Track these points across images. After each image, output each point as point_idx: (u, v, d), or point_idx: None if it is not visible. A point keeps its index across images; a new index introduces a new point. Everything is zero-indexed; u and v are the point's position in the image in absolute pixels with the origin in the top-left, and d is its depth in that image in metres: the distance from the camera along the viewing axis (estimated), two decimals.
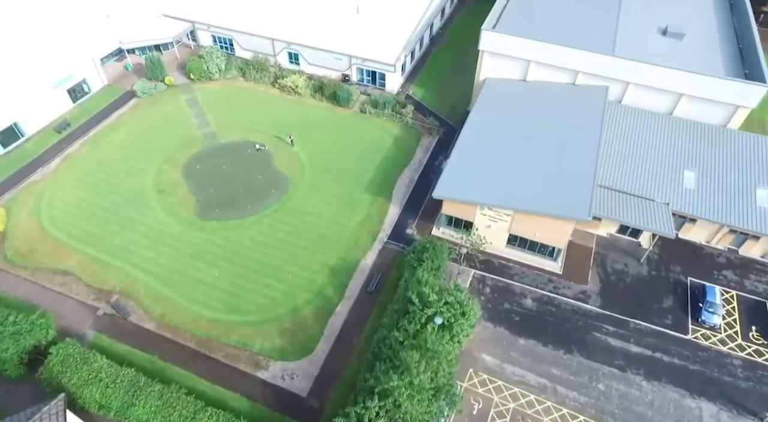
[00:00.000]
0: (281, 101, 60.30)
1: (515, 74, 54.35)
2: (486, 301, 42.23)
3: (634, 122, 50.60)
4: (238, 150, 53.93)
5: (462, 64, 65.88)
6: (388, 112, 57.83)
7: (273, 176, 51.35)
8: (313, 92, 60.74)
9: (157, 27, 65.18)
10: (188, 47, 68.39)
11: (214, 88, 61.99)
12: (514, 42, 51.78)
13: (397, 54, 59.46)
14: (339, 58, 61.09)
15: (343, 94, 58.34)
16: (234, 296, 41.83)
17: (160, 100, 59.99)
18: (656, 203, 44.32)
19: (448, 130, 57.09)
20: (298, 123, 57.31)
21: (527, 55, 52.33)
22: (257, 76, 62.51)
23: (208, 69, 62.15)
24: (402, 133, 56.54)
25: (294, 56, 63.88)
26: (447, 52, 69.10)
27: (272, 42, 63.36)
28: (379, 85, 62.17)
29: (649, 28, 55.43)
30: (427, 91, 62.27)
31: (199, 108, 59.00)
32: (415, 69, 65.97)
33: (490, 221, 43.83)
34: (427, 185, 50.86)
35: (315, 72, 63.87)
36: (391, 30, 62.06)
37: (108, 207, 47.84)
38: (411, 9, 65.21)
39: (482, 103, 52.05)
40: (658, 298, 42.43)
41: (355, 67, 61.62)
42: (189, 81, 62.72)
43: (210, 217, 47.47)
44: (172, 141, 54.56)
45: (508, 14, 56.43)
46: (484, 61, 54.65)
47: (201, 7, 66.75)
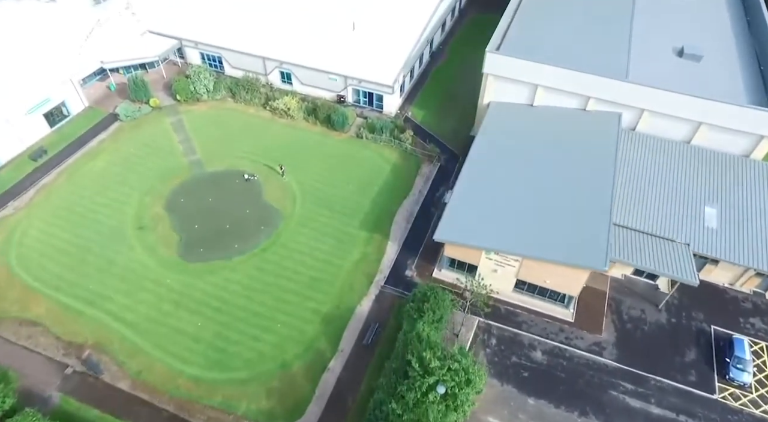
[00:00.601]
0: (272, 125, 56.38)
1: (521, 98, 50.51)
2: (492, 354, 38.46)
3: (649, 152, 46.81)
4: (226, 180, 50.02)
5: (464, 82, 62.02)
6: (385, 137, 53.96)
7: (262, 209, 47.48)
8: (307, 115, 56.83)
9: (142, 45, 61.13)
10: (176, 65, 64.41)
11: (201, 111, 58.04)
12: (520, 65, 47.94)
13: (396, 75, 55.55)
14: (334, 78, 57.18)
15: (338, 118, 54.44)
16: (218, 349, 38.01)
17: (144, 123, 56.04)
18: (676, 244, 40.54)
19: (449, 157, 53.24)
20: (290, 149, 53.45)
21: (534, 80, 48.50)
22: (247, 98, 58.57)
23: (195, 90, 58.21)
24: (401, 160, 52.68)
25: (286, 76, 59.97)
26: (448, 69, 65.19)
27: (263, 61, 59.41)
28: (376, 107, 58.27)
29: (665, 48, 51.57)
30: (428, 113, 58.38)
31: (185, 133, 55.06)
32: (415, 88, 62.08)
33: (496, 265, 40.05)
34: (427, 220, 47.07)
35: (309, 92, 59.97)
36: (389, 48, 58.13)
37: (84, 246, 43.95)
38: (410, 25, 61.26)
39: (486, 132, 48.17)
40: (680, 350, 38.69)
41: (351, 88, 57.73)
42: (175, 102, 58.77)
43: (194, 258, 43.60)
44: (156, 170, 50.64)
45: (513, 33, 52.52)
46: (489, 85, 50.81)
47: (188, 23, 62.74)
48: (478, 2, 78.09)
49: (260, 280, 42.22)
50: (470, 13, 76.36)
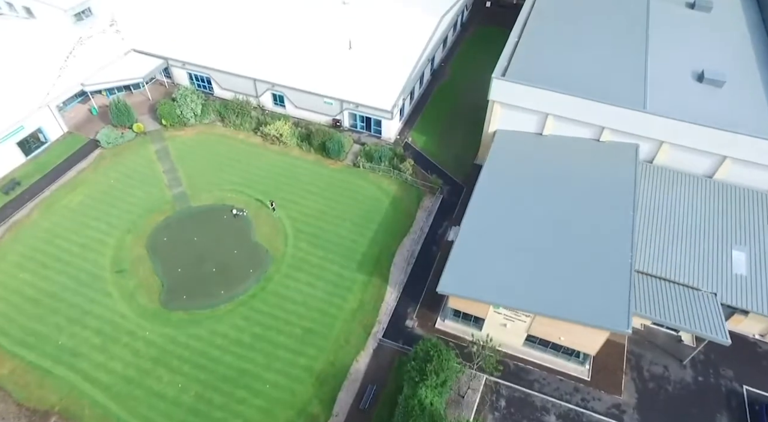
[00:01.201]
0: (264, 152, 52.43)
1: (530, 127, 46.62)
2: (501, 419, 34.67)
3: (669, 187, 42.98)
4: (213, 216, 46.11)
5: (467, 104, 58.16)
6: (384, 166, 50.08)
7: (251, 250, 43.60)
8: (300, 141, 52.90)
9: (126, 65, 57.07)
10: (162, 85, 60.42)
11: (188, 136, 54.09)
12: (529, 93, 44.01)
13: (395, 99, 51.61)
14: (329, 102, 53.24)
15: (333, 146, 50.51)
16: (200, 415, 34.17)
17: (127, 151, 52.09)
18: (702, 293, 36.74)
19: (452, 188, 49.37)
20: (282, 180, 49.55)
21: (544, 108, 44.62)
22: (237, 122, 54.62)
23: (181, 114, 54.26)
24: (400, 192, 48.80)
25: (279, 98, 56.01)
26: (450, 89, 61.21)
27: (254, 82, 55.45)
28: (374, 132, 54.36)
29: (683, 72, 47.64)
30: (429, 139, 54.47)
31: (170, 161, 51.12)
32: (415, 110, 58.12)
33: (505, 319, 36.23)
34: (429, 260, 43.26)
35: (302, 115, 56.04)
36: (388, 69, 54.23)
37: (56, 293, 40.08)
38: (411, 43, 57.40)
39: (493, 165, 44.22)
40: (710, 414, 34.90)
41: (348, 112, 53.79)
42: (161, 126, 54.81)
43: (176, 306, 39.74)
44: (138, 205, 46.73)
45: (520, 56, 48.44)
46: (495, 112, 46.89)
47: (176, 42, 58.70)
48: (481, 15, 74.14)
49: (248, 332, 38.39)
50: (473, 26, 72.37)
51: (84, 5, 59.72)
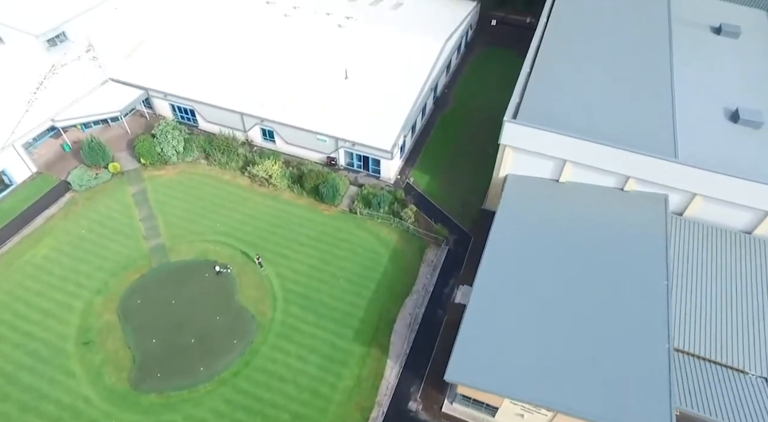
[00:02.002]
0: (251, 196, 47.29)
1: (545, 173, 41.60)
2: None
3: (703, 245, 38.02)
4: (193, 274, 41.04)
5: (473, 136, 53.14)
6: (383, 212, 45.04)
7: (235, 315, 38.56)
8: (291, 183, 47.77)
9: (102, 96, 51.82)
10: (143, 116, 55.21)
11: (169, 176, 48.92)
12: (544, 138, 38.96)
13: (395, 137, 46.51)
14: (323, 139, 48.13)
15: (327, 190, 45.40)
16: None
17: (102, 194, 46.93)
18: (750, 378, 31.87)
19: (459, 237, 44.36)
20: (271, 228, 44.48)
21: (562, 154, 39.61)
22: (223, 160, 49.47)
23: (162, 152, 49.12)
24: (402, 242, 43.76)
25: (268, 133, 50.88)
26: (454, 119, 56.08)
27: (241, 117, 50.30)
28: (372, 172, 49.24)
29: (715, 111, 42.66)
30: (432, 178, 49.39)
31: (148, 207, 45.99)
32: (417, 144, 52.99)
33: (523, 410, 31.30)
34: (435, 327, 38.34)
35: (294, 152, 50.92)
36: (387, 102, 49.09)
37: (9, 374, 34.94)
38: (412, 72, 52.23)
39: (504, 216, 39.17)
40: None
41: (343, 151, 48.70)
42: (140, 165, 49.66)
43: (148, 386, 34.70)
44: (111, 260, 41.61)
45: (533, 92, 43.27)
46: (506, 157, 41.81)
47: (157, 71, 53.48)
48: (486, 34, 68.92)
49: (230, 418, 33.40)
50: (478, 46, 67.16)
51: (58, 30, 54.57)
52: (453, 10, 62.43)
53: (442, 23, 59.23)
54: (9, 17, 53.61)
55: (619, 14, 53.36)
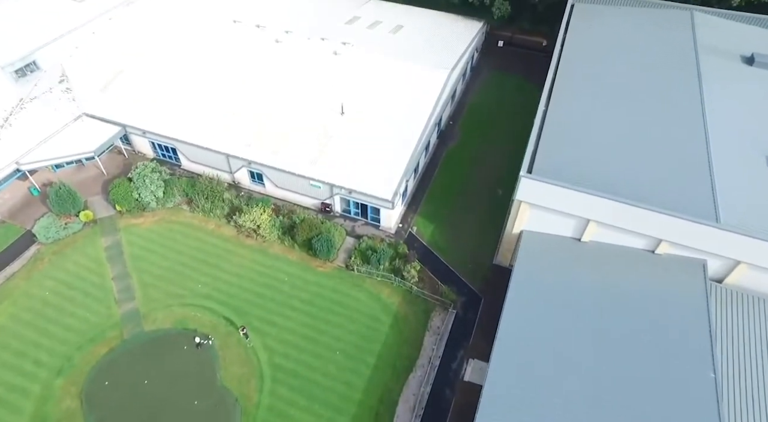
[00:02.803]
0: (237, 249, 42.31)
1: (566, 231, 36.63)
2: None
3: (748, 319, 33.15)
4: (170, 347, 36.07)
5: (481, 176, 48.27)
6: (384, 269, 40.16)
7: (217, 399, 33.58)
8: (282, 234, 42.85)
9: (76, 133, 46.82)
10: (120, 154, 50.18)
11: (147, 226, 43.92)
12: (566, 195, 34.05)
13: (396, 185, 41.52)
14: (316, 185, 43.15)
15: (321, 246, 40.47)
16: None
17: (71, 248, 41.93)
18: None
19: (468, 299, 39.47)
20: (258, 289, 39.56)
21: (585, 213, 34.66)
22: (207, 207, 44.49)
23: (140, 198, 44.16)
24: (404, 306, 38.85)
25: (257, 176, 45.91)
26: (460, 155, 51.09)
27: (227, 158, 45.31)
28: (371, 220, 44.29)
29: (755, 158, 37.55)
30: (437, 228, 44.45)
31: (122, 263, 41.04)
32: (421, 185, 48.03)
33: None
34: (442, 411, 33.46)
35: (285, 196, 45.97)
36: (387, 142, 44.09)
37: None
38: (415, 106, 47.20)
39: (521, 280, 34.26)
40: None
41: (339, 197, 43.74)
42: (116, 211, 44.68)
43: None
44: (77, 330, 36.64)
45: (550, 140, 38.28)
46: (522, 212, 36.92)
47: (134, 105, 48.45)
48: (493, 57, 63.88)
49: None
50: (485, 70, 62.16)
51: (28, 59, 49.74)
52: (458, 33, 57.40)
53: (446, 48, 54.20)
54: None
55: (640, 41, 48.61)
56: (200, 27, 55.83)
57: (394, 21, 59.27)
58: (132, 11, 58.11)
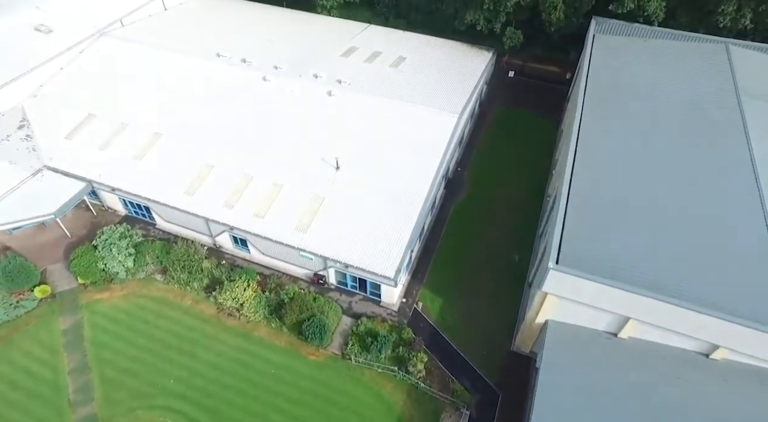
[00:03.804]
0: (217, 332, 36.39)
1: (600, 324, 30.86)
2: None
3: None
4: None
5: (495, 237, 42.42)
6: (385, 357, 34.36)
7: None
8: (269, 314, 36.99)
9: (34, 191, 40.84)
10: (88, 210, 44.20)
11: (113, 302, 38.02)
12: (602, 292, 28.22)
13: (399, 260, 35.56)
14: (307, 256, 37.25)
15: (312, 331, 34.64)
16: None
17: (22, 331, 36.01)
18: None
19: (483, 395, 33.64)
20: (239, 384, 33.68)
21: (625, 311, 28.96)
22: (183, 278, 38.62)
23: (106, 268, 38.27)
24: (409, 405, 33.00)
25: (240, 240, 40.01)
26: (470, 212, 45.05)
27: (206, 222, 39.38)
28: (371, 295, 38.44)
29: None
30: (446, 303, 38.55)
31: (82, 351, 35.14)
32: (427, 249, 42.02)
33: None
34: None
35: (273, 264, 40.14)
36: (390, 204, 38.19)
37: None
38: (420, 157, 41.24)
39: (549, 382, 28.62)
40: None
41: (334, 270, 37.86)
42: (79, 284, 38.79)
43: None
44: None
45: (580, 219, 32.03)
46: (549, 303, 31.11)
47: (103, 156, 42.42)
48: (503, 89, 57.78)
49: None
50: (494, 106, 56.08)
51: None
52: (466, 66, 51.36)
53: (454, 86, 48.19)
54: None
55: (674, 81, 42.72)
56: (180, 62, 49.71)
57: (394, 52, 53.22)
58: (106, 44, 51.99)
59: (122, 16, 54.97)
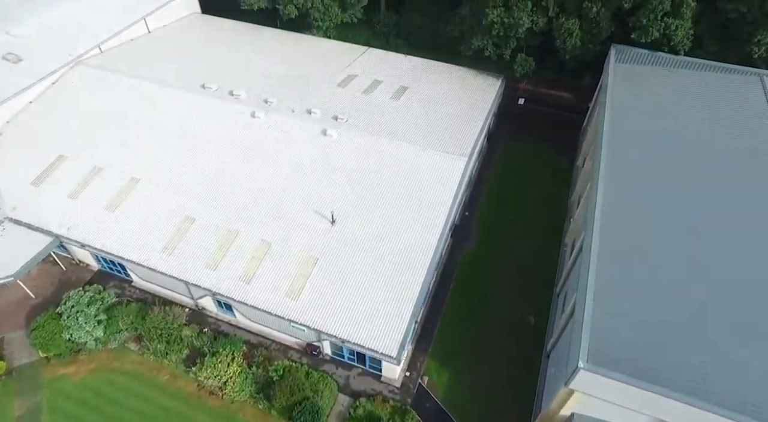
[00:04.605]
0: (197, 416, 31.84)
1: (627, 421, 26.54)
2: None
3: None
4: None
5: (506, 294, 38.06)
6: None
7: None
8: (256, 393, 32.56)
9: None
10: (56, 264, 39.77)
11: (80, 378, 33.50)
12: (637, 394, 23.83)
13: (402, 335, 31.15)
14: (299, 327, 32.83)
15: (305, 417, 30.23)
16: None
17: None
18: None
19: None
20: None
21: (662, 415, 24.54)
22: (160, 350, 34.17)
23: (72, 338, 33.84)
24: None
25: (225, 305, 35.58)
26: (480, 264, 40.49)
27: (187, 285, 34.92)
28: (370, 369, 34.01)
29: None
30: (455, 376, 34.03)
31: None
32: (433, 310, 37.51)
33: None
34: None
35: (260, 330, 35.76)
36: (391, 266, 33.75)
37: None
38: (425, 206, 36.80)
39: None
40: None
41: (329, 342, 33.45)
42: (41, 357, 34.37)
43: None
44: None
45: (611, 305, 27.38)
46: (575, 398, 26.74)
47: (74, 207, 37.95)
48: (512, 120, 53.06)
49: None
50: (504, 138, 51.39)
51: None
52: (474, 98, 46.93)
53: (461, 120, 43.86)
54: None
55: (707, 123, 38.09)
56: (162, 95, 45.23)
57: (395, 80, 48.74)
58: (82, 73, 47.48)
59: (101, 42, 50.40)
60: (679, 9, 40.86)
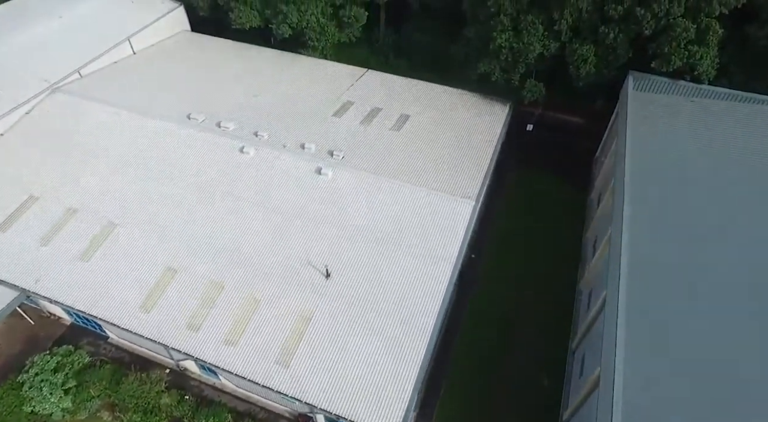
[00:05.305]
0: None
1: None
2: None
3: None
4: None
5: (519, 350, 34.67)
6: None
7: None
8: None
9: None
10: (24, 318, 36.17)
11: None
12: None
13: (404, 410, 27.68)
14: (290, 400, 29.28)
15: None
16: None
17: None
18: None
19: None
20: None
21: None
22: (136, 420, 30.58)
23: (34, 411, 30.25)
24: None
25: (209, 368, 32.03)
26: (487, 314, 37.00)
27: (167, 348, 31.36)
28: None
29: None
30: None
31: None
32: (437, 368, 33.98)
33: None
34: None
35: (247, 396, 32.22)
36: (391, 325, 30.24)
37: None
38: (429, 257, 33.25)
39: None
40: None
41: (323, 416, 29.90)
42: None
43: None
44: None
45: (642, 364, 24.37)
46: None
47: (41, 257, 34.33)
48: (521, 148, 49.53)
49: None
50: (512, 168, 47.77)
51: None
52: (480, 128, 43.46)
53: (467, 155, 40.40)
54: None
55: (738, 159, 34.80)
56: (144, 127, 41.63)
57: (396, 107, 45.23)
58: (58, 102, 43.87)
59: (81, 66, 46.76)
60: (705, 36, 37.29)
